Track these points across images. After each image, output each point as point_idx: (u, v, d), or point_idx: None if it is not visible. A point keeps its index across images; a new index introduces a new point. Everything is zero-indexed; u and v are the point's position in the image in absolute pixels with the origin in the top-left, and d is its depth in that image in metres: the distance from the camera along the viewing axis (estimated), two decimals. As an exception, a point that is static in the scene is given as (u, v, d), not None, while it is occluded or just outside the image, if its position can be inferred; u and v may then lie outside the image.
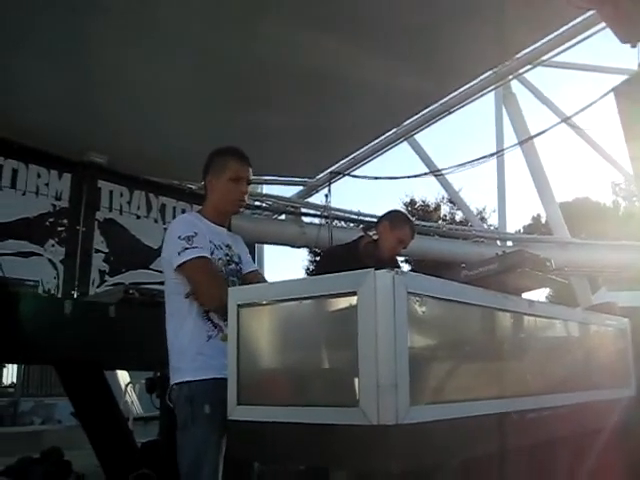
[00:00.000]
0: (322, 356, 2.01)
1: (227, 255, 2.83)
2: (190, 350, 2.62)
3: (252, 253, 10.59)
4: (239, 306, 2.08)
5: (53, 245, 6.55)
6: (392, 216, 3.67)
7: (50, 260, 6.48)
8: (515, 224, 31.14)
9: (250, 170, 2.92)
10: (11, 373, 13.60)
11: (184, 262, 2.61)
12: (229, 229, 2.95)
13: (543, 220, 22.36)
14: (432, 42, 5.95)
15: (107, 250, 6.97)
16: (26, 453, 4.47)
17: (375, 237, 3.58)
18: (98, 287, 6.73)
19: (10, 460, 4.18)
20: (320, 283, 1.96)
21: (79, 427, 4.49)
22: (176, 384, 2.62)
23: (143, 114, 6.57)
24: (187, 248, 2.61)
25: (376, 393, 1.67)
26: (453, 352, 2.11)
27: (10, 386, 13.67)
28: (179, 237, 2.64)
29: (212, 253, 2.73)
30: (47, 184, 6.62)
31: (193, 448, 2.54)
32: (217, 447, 2.56)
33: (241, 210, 3.04)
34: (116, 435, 4.21)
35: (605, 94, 7.28)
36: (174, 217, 7.75)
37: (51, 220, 6.60)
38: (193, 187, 8.34)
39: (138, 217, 7.34)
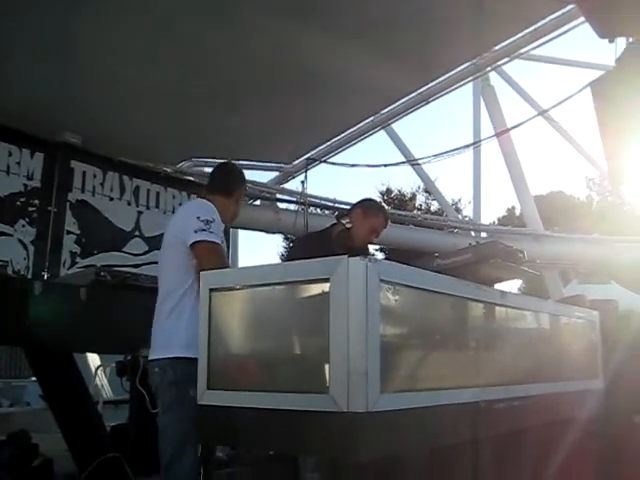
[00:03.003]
0: (293, 342, 2.00)
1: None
2: (190, 326, 2.63)
3: (227, 238, 10.59)
4: (211, 290, 2.06)
5: (24, 225, 6.44)
6: (365, 204, 3.66)
7: (20, 240, 6.37)
8: (490, 216, 31.36)
9: None
10: (-22, 354, 13.41)
11: (199, 241, 2.66)
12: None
13: (517, 212, 22.55)
14: (411, 32, 5.95)
15: (79, 232, 6.85)
16: (-7, 435, 4.41)
17: (348, 225, 3.57)
18: (69, 269, 6.63)
19: (-24, 442, 4.12)
20: (293, 269, 1.95)
21: (48, 410, 4.44)
22: (164, 360, 2.63)
23: (119, 95, 6.48)
24: (204, 230, 2.67)
25: (347, 380, 1.66)
26: (424, 341, 2.11)
27: (-22, 367, 13.50)
28: (198, 217, 2.70)
29: (222, 242, 2.80)
30: (18, 163, 6.48)
31: (177, 430, 2.57)
32: None
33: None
34: (85, 418, 4.18)
35: (581, 89, 7.34)
36: (148, 200, 7.69)
37: (22, 200, 6.47)
38: (168, 170, 8.27)
39: (111, 199, 7.24)
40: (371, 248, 3.92)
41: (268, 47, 5.91)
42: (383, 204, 4.19)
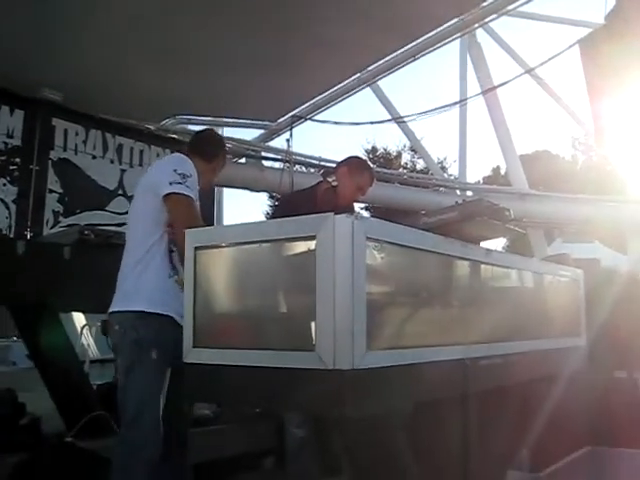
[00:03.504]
0: (279, 300, 2.00)
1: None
2: (154, 282, 2.64)
3: (211, 196, 10.53)
4: (196, 248, 2.05)
5: (5, 184, 6.33)
6: (351, 162, 3.63)
7: (2, 200, 6.27)
8: (475, 175, 31.42)
9: None
10: (-36, 314, 13.38)
11: (173, 193, 2.62)
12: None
13: (503, 172, 22.58)
14: (399, -14, 5.84)
15: (61, 190, 6.76)
16: (-21, 394, 4.41)
17: (334, 183, 3.55)
18: (52, 228, 6.56)
19: (-38, 401, 4.12)
20: (279, 226, 1.94)
21: (34, 369, 4.44)
22: (126, 314, 2.62)
23: (100, 51, 6.33)
24: (179, 183, 2.63)
25: (333, 338, 1.67)
26: (410, 299, 2.12)
27: (-37, 327, 13.47)
28: (175, 170, 2.66)
29: (196, 201, 2.76)
30: (-3, 120, 6.39)
31: (139, 390, 2.58)
32: (161, 388, 2.64)
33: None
34: (71, 378, 4.17)
35: (570, 46, 7.29)
36: (131, 158, 7.59)
37: (2, 159, 6.35)
38: (151, 127, 8.15)
39: (94, 157, 7.13)
40: (357, 206, 3.90)
41: (251, 3, 5.79)
42: (369, 162, 4.15)
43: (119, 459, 2.54)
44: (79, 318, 7.18)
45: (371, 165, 4.16)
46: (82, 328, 7.08)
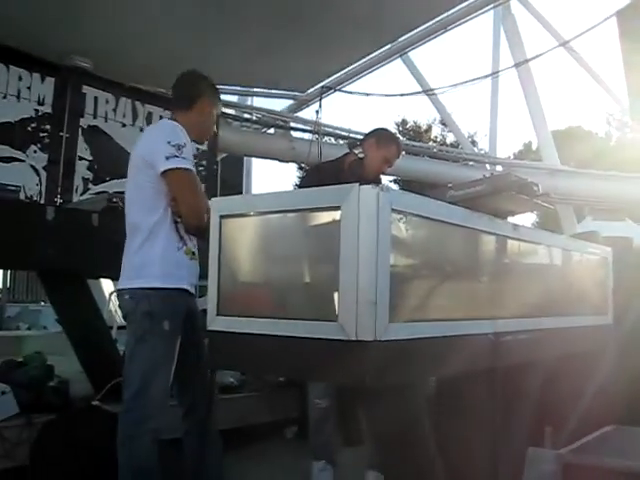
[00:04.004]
0: (303, 270, 2.00)
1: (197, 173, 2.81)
2: (165, 256, 2.61)
3: (240, 166, 10.51)
4: (221, 217, 2.05)
5: (35, 151, 6.40)
6: (378, 134, 3.60)
7: (32, 166, 6.34)
8: (506, 150, 31.06)
9: None
10: (-3, 279, 13.64)
11: (172, 169, 2.56)
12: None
13: (534, 147, 22.25)
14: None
15: (91, 158, 6.83)
16: (11, 357, 4.51)
17: (361, 155, 3.52)
18: (81, 195, 6.64)
19: (-6, 362, 4.22)
20: (304, 196, 1.94)
21: (63, 334, 4.52)
22: (136, 290, 2.60)
23: (131, 18, 6.32)
24: (176, 156, 2.56)
25: (355, 309, 1.66)
26: (435, 272, 2.11)
27: (-4, 291, 13.75)
28: (169, 142, 2.57)
29: (192, 167, 2.70)
30: (29, 87, 6.39)
31: (148, 360, 2.56)
32: (171, 361, 2.62)
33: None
34: (99, 343, 4.25)
35: (606, 18, 7.10)
36: (161, 126, 7.59)
37: (33, 125, 6.41)
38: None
39: (124, 125, 7.17)
40: (385, 179, 3.88)
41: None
42: (396, 134, 4.11)
43: (124, 429, 2.54)
44: (107, 285, 7.28)
45: (399, 137, 4.12)
46: (110, 295, 7.17)
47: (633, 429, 2.79)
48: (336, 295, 1.73)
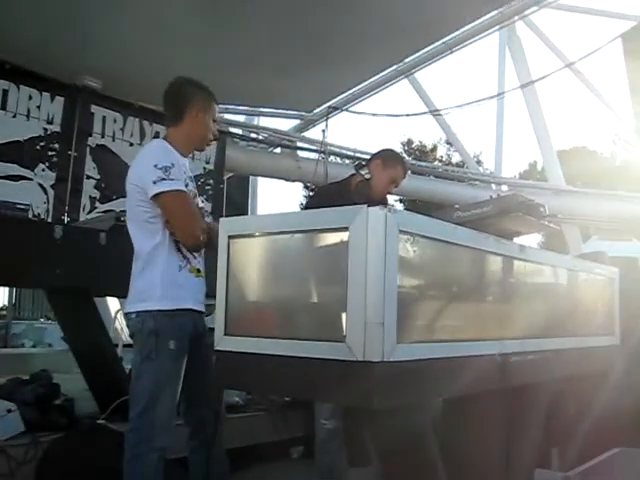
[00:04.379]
0: (311, 290, 2.01)
1: (194, 188, 2.82)
2: (164, 278, 2.62)
3: (246, 185, 10.52)
4: (230, 237, 2.06)
5: (43, 170, 6.43)
6: (384, 155, 3.63)
7: (40, 185, 6.37)
8: (511, 169, 31.03)
9: None
10: (3, 296, 13.69)
11: (162, 192, 2.56)
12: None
13: (539, 167, 22.28)
14: (438, -23, 5.78)
15: (98, 176, 6.86)
16: (16, 374, 4.52)
17: (367, 176, 3.55)
18: (89, 213, 6.66)
19: (0, 380, 4.23)
20: (312, 217, 1.94)
21: (69, 351, 4.53)
22: (141, 313, 2.61)
23: (140, 39, 6.39)
24: (164, 179, 2.56)
25: (363, 330, 1.67)
26: (442, 293, 2.11)
27: (2, 309, 13.78)
28: (155, 166, 2.58)
29: (187, 186, 2.71)
30: (39, 107, 6.44)
31: (154, 380, 2.57)
32: (177, 380, 2.63)
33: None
34: (105, 361, 4.26)
35: (611, 40, 7.15)
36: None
37: (42, 144, 6.44)
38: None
39: (131, 144, 7.20)
40: (391, 199, 3.90)
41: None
42: (402, 154, 4.14)
43: (131, 448, 2.55)
44: (113, 303, 7.30)
45: (404, 157, 4.14)
46: (116, 313, 7.19)
47: (641, 451, 2.77)
48: (344, 316, 1.74)
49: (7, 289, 12.15)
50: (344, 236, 1.75)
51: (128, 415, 2.62)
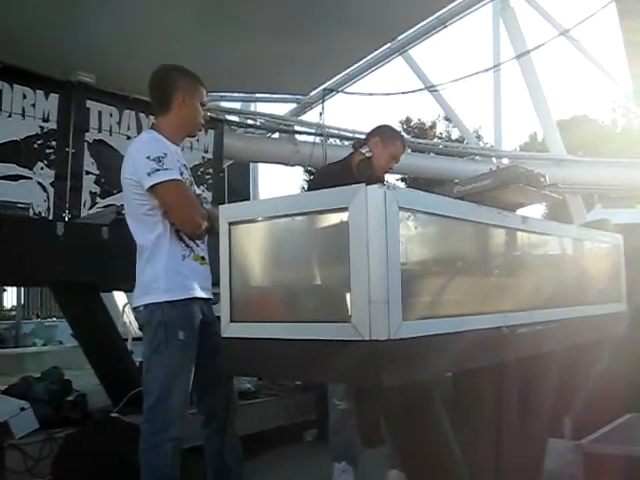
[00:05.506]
0: (314, 272, 2.00)
1: (189, 176, 2.81)
2: (168, 269, 2.62)
3: (246, 172, 10.49)
4: (230, 224, 2.06)
5: (42, 168, 6.41)
6: (382, 131, 3.63)
7: (40, 183, 6.35)
8: (512, 142, 30.96)
9: None
10: (11, 296, 13.75)
11: (157, 184, 2.55)
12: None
13: (540, 138, 22.19)
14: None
15: (98, 172, 6.83)
16: (28, 373, 4.55)
17: (368, 154, 3.54)
18: (89, 209, 6.66)
19: (13, 379, 4.26)
20: (311, 199, 1.93)
21: (79, 348, 4.56)
22: (148, 305, 2.62)
23: (132, 32, 6.37)
24: (158, 170, 2.54)
25: (368, 309, 1.66)
26: (445, 268, 2.10)
27: (12, 309, 13.84)
28: (148, 157, 2.57)
29: (182, 174, 2.69)
30: (33, 105, 6.40)
31: (165, 371, 2.58)
32: (189, 370, 2.64)
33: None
34: (115, 355, 4.28)
35: (606, 4, 7.06)
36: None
37: (39, 142, 6.41)
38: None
39: (129, 137, 7.14)
40: (392, 178, 3.91)
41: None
42: (401, 132, 4.12)
43: (146, 439, 2.57)
44: (120, 297, 7.32)
45: (401, 132, 4.14)
46: (124, 306, 7.22)
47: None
48: (348, 296, 1.73)
49: (15, 289, 12.21)
50: (344, 216, 1.74)
51: (142, 407, 2.63)
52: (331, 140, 9.75)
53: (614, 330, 3.06)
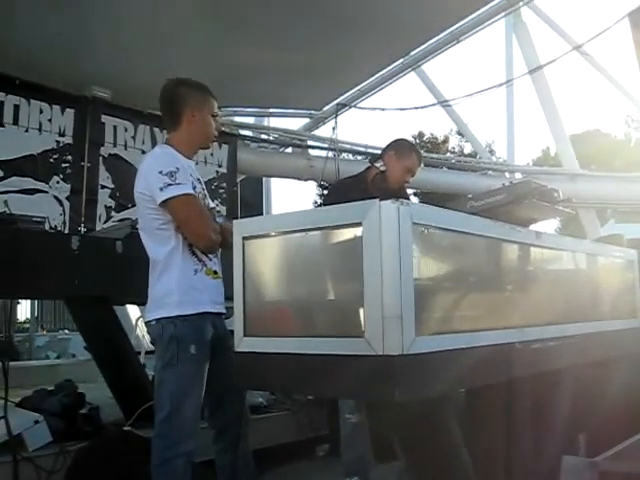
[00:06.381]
0: (328, 287, 2.01)
1: (202, 189, 2.81)
2: (180, 284, 2.62)
3: (259, 186, 10.52)
4: (244, 238, 2.07)
5: (58, 182, 6.48)
6: (397, 145, 3.64)
7: (55, 197, 6.42)
8: (524, 157, 30.89)
9: None
10: (25, 309, 13.81)
11: (169, 198, 2.55)
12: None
13: (553, 153, 22.13)
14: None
15: (113, 186, 6.91)
16: (42, 386, 4.56)
17: (382, 168, 3.56)
18: (105, 223, 6.71)
19: (26, 392, 4.27)
20: (325, 214, 1.95)
21: (92, 361, 4.57)
22: (160, 319, 2.62)
23: (147, 47, 6.42)
24: (170, 184, 2.55)
25: (381, 324, 1.67)
26: (459, 283, 2.10)
27: (25, 322, 13.90)
28: (160, 172, 2.57)
29: (194, 188, 2.69)
30: (50, 120, 6.49)
31: (177, 385, 2.57)
32: (201, 384, 2.63)
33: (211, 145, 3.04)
34: (128, 368, 4.28)
35: (619, 20, 7.06)
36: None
37: (55, 157, 6.50)
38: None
39: (143, 152, 7.20)
40: (407, 191, 3.92)
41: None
42: (413, 143, 4.12)
43: (157, 453, 2.56)
44: (133, 310, 7.34)
45: (416, 145, 4.14)
46: (137, 320, 7.22)
47: (668, 434, 2.74)
48: (362, 311, 1.74)
49: (29, 302, 12.26)
50: (358, 231, 1.75)
51: (154, 421, 2.63)
52: (344, 155, 9.76)
53: (629, 346, 3.04)
